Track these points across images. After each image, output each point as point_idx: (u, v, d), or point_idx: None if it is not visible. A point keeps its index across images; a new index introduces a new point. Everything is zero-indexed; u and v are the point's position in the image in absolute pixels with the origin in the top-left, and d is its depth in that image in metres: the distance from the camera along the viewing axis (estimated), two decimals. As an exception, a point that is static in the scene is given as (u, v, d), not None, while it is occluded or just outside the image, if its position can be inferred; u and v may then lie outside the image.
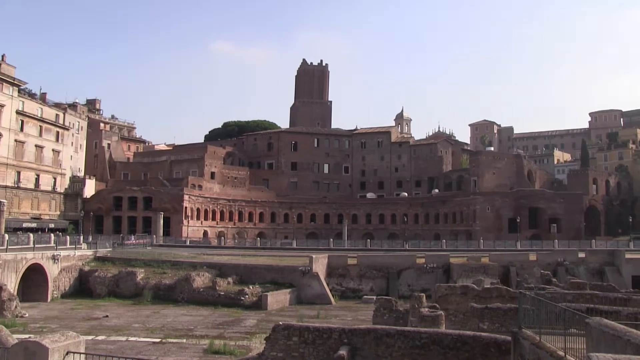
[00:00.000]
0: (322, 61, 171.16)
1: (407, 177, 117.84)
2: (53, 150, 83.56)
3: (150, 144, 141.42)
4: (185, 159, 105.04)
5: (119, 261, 52.10)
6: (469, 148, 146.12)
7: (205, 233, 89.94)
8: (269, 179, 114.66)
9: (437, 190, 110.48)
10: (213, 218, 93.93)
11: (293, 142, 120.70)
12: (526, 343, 12.71)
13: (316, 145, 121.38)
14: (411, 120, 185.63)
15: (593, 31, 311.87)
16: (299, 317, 35.16)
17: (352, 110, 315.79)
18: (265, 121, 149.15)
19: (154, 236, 75.34)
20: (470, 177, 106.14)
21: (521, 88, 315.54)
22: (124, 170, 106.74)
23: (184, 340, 29.02)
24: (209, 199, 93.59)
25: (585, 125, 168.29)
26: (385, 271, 51.00)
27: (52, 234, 57.82)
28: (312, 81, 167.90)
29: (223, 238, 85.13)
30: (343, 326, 17.36)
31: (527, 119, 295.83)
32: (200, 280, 45.84)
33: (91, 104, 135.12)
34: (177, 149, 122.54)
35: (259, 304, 41.66)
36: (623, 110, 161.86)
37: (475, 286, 28.76)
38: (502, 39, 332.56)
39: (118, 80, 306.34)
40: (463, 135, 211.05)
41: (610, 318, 12.27)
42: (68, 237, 57.62)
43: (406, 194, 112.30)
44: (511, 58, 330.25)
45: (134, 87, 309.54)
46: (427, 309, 22.95)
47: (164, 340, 28.80)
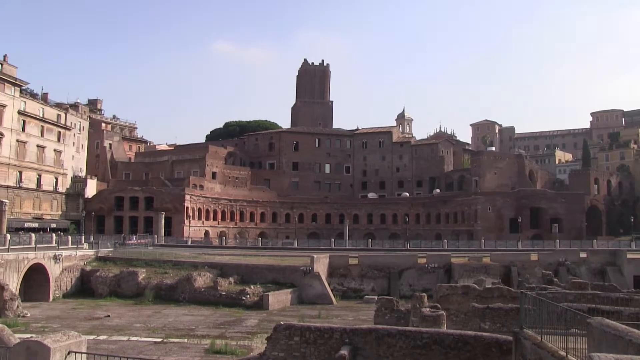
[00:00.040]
0: (324, 61, 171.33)
1: (409, 177, 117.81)
2: (55, 150, 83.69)
3: (151, 144, 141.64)
4: (186, 159, 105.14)
5: (121, 261, 52.15)
6: (471, 148, 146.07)
7: (206, 233, 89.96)
8: (271, 179, 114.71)
9: (439, 190, 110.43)
10: (214, 218, 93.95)
11: (294, 142, 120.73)
12: (528, 343, 12.70)
13: (317, 145, 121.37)
14: (412, 120, 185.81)
15: (593, 31, 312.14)
16: (301, 317, 35.17)
17: (353, 110, 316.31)
18: (266, 121, 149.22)
19: (156, 236, 75.36)
20: (471, 177, 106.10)
21: (522, 88, 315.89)
22: (126, 170, 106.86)
23: (186, 340, 29.04)
24: (211, 199, 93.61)
25: (586, 125, 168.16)
26: (386, 271, 50.98)
27: (54, 234, 57.91)
28: (314, 81, 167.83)
29: (224, 238, 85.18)
30: (344, 326, 17.34)
31: (529, 119, 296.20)
32: (201, 280, 45.85)
33: (93, 104, 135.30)
34: (179, 149, 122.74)
35: (260, 304, 41.66)
36: (625, 110, 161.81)
37: (476, 286, 28.74)
38: (502, 39, 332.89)
39: (119, 80, 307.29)
40: (464, 135, 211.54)
41: (612, 318, 12.26)
42: (70, 237, 57.73)
43: (407, 194, 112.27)
44: (511, 58, 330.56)
45: (135, 87, 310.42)
46: (429, 309, 22.94)
47: (166, 340, 28.83)
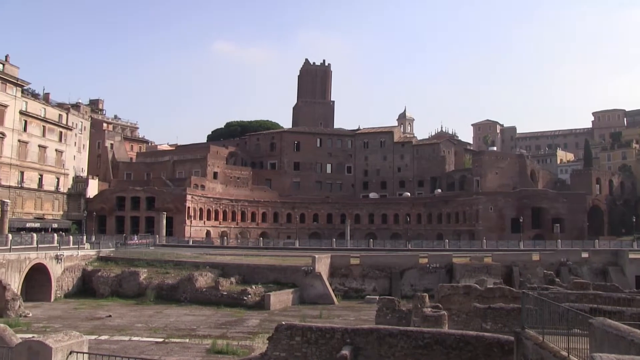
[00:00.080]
0: (325, 61, 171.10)
1: (410, 177, 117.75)
2: (56, 150, 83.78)
3: (153, 144, 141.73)
4: (188, 159, 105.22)
5: (122, 261, 52.21)
6: (472, 148, 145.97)
7: (208, 233, 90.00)
8: (272, 179, 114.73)
9: (440, 190, 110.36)
10: (216, 218, 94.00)
11: (296, 142, 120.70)
12: (529, 343, 12.68)
13: (319, 145, 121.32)
14: (414, 120, 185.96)
15: (593, 31, 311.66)
16: (302, 317, 35.14)
17: (354, 110, 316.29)
18: (267, 121, 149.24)
19: (157, 236, 75.40)
20: (473, 177, 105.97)
21: (523, 88, 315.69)
22: (127, 170, 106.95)
23: (187, 340, 29.06)
24: (212, 199, 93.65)
25: (588, 125, 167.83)
26: (388, 271, 50.95)
27: (55, 234, 58.03)
28: (315, 81, 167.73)
29: (226, 238, 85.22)
30: (346, 326, 17.34)
31: (530, 119, 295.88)
32: (203, 280, 45.87)
33: (94, 104, 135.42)
34: (180, 149, 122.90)
35: (262, 304, 41.70)
36: (626, 110, 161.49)
37: (478, 286, 28.70)
38: (502, 39, 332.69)
39: (120, 80, 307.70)
40: (466, 135, 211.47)
41: (613, 318, 12.24)
42: (71, 237, 57.88)
43: (409, 194, 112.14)
44: (512, 58, 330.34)
45: (136, 87, 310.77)
46: (430, 309, 22.91)
47: (167, 340, 28.86)
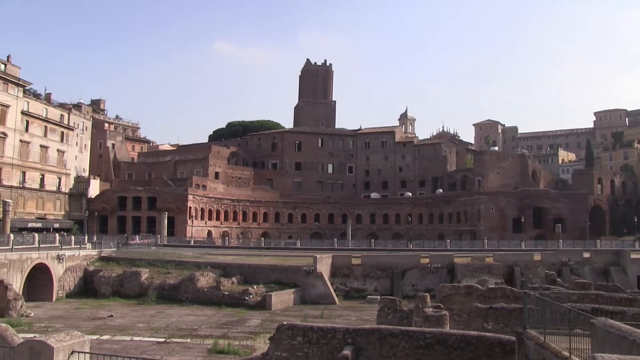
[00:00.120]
0: (326, 61, 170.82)
1: (411, 177, 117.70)
2: (58, 150, 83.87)
3: (154, 144, 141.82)
4: (189, 159, 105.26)
5: (124, 261, 52.26)
6: (473, 148, 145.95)
7: (209, 233, 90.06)
8: (273, 179, 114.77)
9: (441, 190, 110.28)
10: (217, 218, 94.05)
11: (297, 142, 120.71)
12: (531, 343, 12.67)
13: (320, 145, 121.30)
14: (415, 120, 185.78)
15: (593, 31, 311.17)
16: (303, 317, 35.16)
17: (355, 110, 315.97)
18: (269, 121, 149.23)
19: (158, 236, 75.44)
20: (474, 177, 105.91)
21: (523, 88, 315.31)
22: (129, 170, 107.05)
23: (188, 340, 29.08)
24: (213, 199, 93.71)
25: (589, 124, 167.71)
26: (389, 271, 50.95)
27: (57, 234, 58.09)
28: (316, 81, 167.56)
29: (227, 238, 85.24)
30: (347, 326, 17.33)
31: (531, 119, 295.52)
32: (204, 280, 45.91)
33: (95, 104, 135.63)
34: (181, 149, 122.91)
35: (263, 304, 41.72)
36: (628, 109, 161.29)
37: (479, 286, 28.67)
38: (502, 39, 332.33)
39: (122, 80, 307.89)
40: (467, 135, 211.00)
41: (615, 318, 12.23)
42: (73, 237, 57.94)
43: (410, 194, 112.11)
44: (512, 58, 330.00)
45: (138, 88, 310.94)
46: (431, 309, 22.91)
47: (168, 340, 28.89)
